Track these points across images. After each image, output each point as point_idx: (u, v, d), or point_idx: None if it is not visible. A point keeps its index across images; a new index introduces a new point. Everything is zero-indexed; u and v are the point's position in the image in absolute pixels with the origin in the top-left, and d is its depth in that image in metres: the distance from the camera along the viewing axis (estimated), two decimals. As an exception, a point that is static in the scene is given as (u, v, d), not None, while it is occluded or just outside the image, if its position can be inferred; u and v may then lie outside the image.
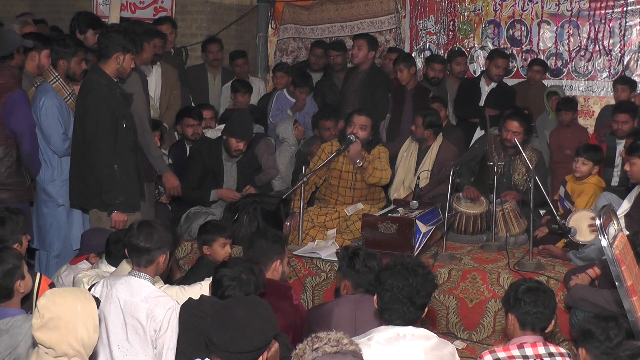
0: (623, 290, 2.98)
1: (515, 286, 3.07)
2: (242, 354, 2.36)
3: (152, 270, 3.25)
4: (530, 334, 2.97)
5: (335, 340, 2.12)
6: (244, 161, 5.65)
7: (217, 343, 2.37)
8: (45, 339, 2.44)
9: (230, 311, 2.44)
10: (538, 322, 2.98)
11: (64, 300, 2.48)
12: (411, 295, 2.77)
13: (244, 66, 7.26)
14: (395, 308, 2.77)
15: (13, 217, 3.58)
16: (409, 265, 2.84)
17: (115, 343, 3.12)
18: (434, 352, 2.74)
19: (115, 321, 3.13)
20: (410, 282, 2.78)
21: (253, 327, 2.37)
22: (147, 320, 3.09)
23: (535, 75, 6.96)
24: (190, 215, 5.39)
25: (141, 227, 3.24)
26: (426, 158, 5.70)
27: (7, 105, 4.55)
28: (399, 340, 2.72)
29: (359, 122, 5.21)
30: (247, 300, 2.57)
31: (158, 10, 7.54)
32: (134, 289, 3.17)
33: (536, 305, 2.97)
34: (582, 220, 4.63)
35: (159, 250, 3.22)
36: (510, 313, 3.02)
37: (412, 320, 2.80)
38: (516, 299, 3.00)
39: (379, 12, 7.95)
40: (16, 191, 4.68)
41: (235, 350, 2.35)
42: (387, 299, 2.78)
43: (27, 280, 3.06)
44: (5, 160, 4.62)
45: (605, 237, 2.94)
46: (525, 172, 5.36)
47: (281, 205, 5.46)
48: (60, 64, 4.78)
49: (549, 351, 2.88)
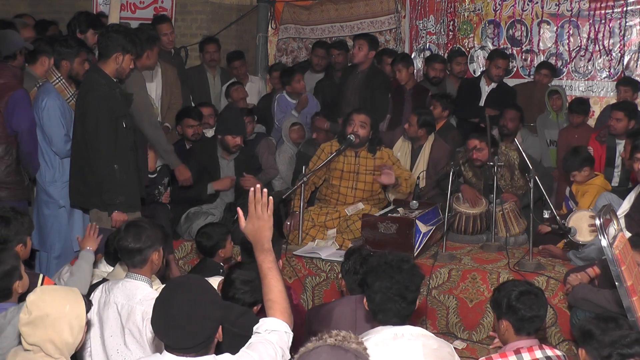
0: (623, 290, 2.98)
1: (506, 292, 2.99)
2: (196, 346, 2.28)
3: (147, 270, 3.23)
4: (526, 338, 2.93)
5: (342, 337, 2.11)
6: (241, 158, 5.64)
7: (168, 343, 2.30)
8: (29, 335, 2.46)
9: (169, 309, 2.28)
10: (534, 325, 2.96)
11: (52, 299, 2.50)
12: (401, 292, 2.76)
13: (241, 68, 7.26)
14: (388, 308, 2.76)
15: (18, 217, 3.56)
16: (392, 262, 2.82)
17: (115, 348, 3.11)
18: (433, 352, 2.73)
19: (113, 326, 3.12)
20: (397, 279, 2.77)
21: (197, 318, 2.25)
22: (144, 323, 3.06)
23: (543, 79, 6.95)
24: (190, 216, 5.40)
25: (128, 229, 3.22)
26: (420, 157, 5.71)
27: (9, 104, 4.57)
28: (397, 340, 2.71)
29: (359, 120, 5.24)
30: (183, 288, 2.33)
31: (158, 10, 7.53)
32: (130, 292, 3.15)
33: (531, 310, 2.93)
34: (582, 221, 4.63)
35: (149, 248, 3.20)
36: (503, 319, 2.96)
37: (407, 316, 2.80)
38: (509, 305, 2.94)
39: (379, 12, 7.95)
40: (15, 190, 4.69)
41: (187, 346, 2.27)
42: (378, 301, 2.77)
43: (25, 280, 3.08)
44: (6, 158, 4.63)
45: (605, 237, 2.94)
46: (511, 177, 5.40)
47: (281, 205, 5.46)
48: (63, 65, 4.78)
49: (546, 355, 2.85)
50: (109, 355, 3.11)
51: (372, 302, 2.80)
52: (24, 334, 2.48)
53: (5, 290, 3.00)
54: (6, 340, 2.81)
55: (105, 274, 3.91)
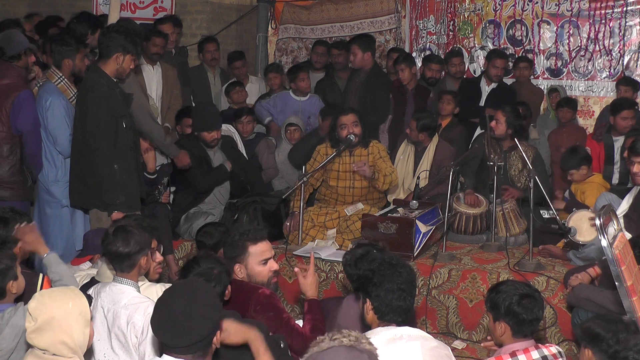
0: (623, 290, 2.98)
1: (506, 294, 2.94)
2: (193, 346, 2.31)
3: (134, 275, 3.21)
4: (522, 340, 2.92)
5: (355, 337, 2.13)
6: (227, 145, 5.62)
7: (165, 342, 2.33)
8: (39, 341, 2.45)
9: (168, 306, 2.34)
10: (532, 328, 2.95)
11: (54, 301, 2.49)
12: (409, 289, 2.84)
13: (242, 68, 7.26)
14: (398, 306, 2.79)
15: (17, 218, 3.53)
16: (392, 261, 2.88)
17: (102, 352, 3.10)
18: (431, 351, 2.74)
19: (100, 330, 3.11)
20: (403, 275, 2.83)
21: (196, 317, 2.29)
22: (128, 327, 3.05)
23: (524, 72, 6.95)
24: (190, 216, 5.40)
25: (117, 233, 3.18)
26: (424, 159, 5.71)
27: (15, 104, 4.56)
28: (396, 341, 2.72)
29: (350, 121, 5.24)
30: (183, 290, 2.41)
31: (158, 10, 7.53)
32: (115, 296, 3.13)
33: (532, 313, 2.91)
34: (582, 221, 4.63)
35: (138, 253, 3.17)
36: (502, 321, 2.93)
37: (409, 310, 2.85)
38: (510, 309, 2.91)
39: (379, 12, 7.96)
40: (18, 190, 4.68)
41: (184, 344, 2.30)
42: (389, 301, 2.78)
43: (20, 281, 3.04)
44: (10, 158, 4.63)
45: (605, 237, 2.94)
46: (522, 169, 5.39)
47: (281, 205, 5.46)
48: (65, 64, 4.77)
49: (543, 354, 2.85)
50: (96, 359, 3.11)
51: (381, 303, 2.80)
52: (32, 341, 2.46)
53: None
54: (4, 341, 2.80)
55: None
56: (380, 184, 5.24)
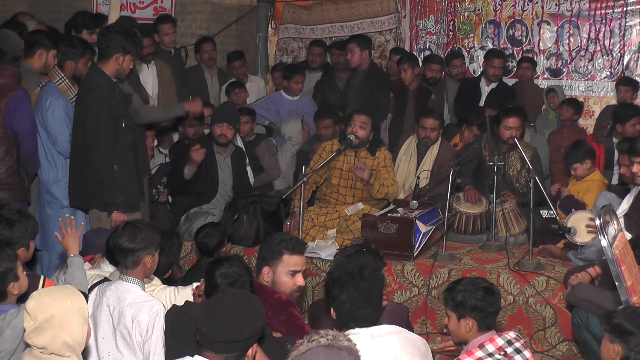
0: (623, 290, 2.98)
1: (469, 292, 3.03)
2: (232, 344, 2.39)
3: (139, 273, 3.20)
4: (486, 332, 3.01)
5: (332, 336, 2.17)
6: (238, 156, 5.64)
7: (207, 333, 2.40)
8: (38, 340, 2.45)
9: (220, 303, 2.48)
10: (494, 319, 3.06)
11: (52, 299, 2.49)
12: (368, 298, 2.80)
13: (241, 68, 7.26)
14: (358, 315, 2.80)
15: (23, 220, 3.50)
16: (353, 271, 2.84)
17: (106, 350, 3.10)
18: (408, 341, 2.82)
19: (105, 328, 3.11)
20: (361, 287, 2.80)
21: (242, 318, 2.42)
22: (133, 326, 3.05)
23: (526, 72, 6.96)
24: (190, 216, 5.40)
25: (125, 228, 3.21)
26: (426, 158, 5.71)
27: (10, 105, 4.55)
28: (374, 339, 2.76)
29: (359, 120, 5.24)
30: (237, 294, 2.63)
31: (158, 10, 7.54)
32: (121, 294, 3.14)
33: (495, 305, 3.04)
34: (581, 221, 4.61)
35: (143, 250, 3.17)
36: (468, 317, 3.01)
37: (376, 319, 2.83)
38: (475, 305, 3.00)
39: (379, 12, 7.96)
40: (15, 191, 4.67)
41: (224, 340, 2.38)
42: (347, 311, 2.80)
43: (22, 281, 3.04)
44: (7, 159, 4.62)
45: (605, 237, 2.94)
46: (520, 169, 5.38)
47: (281, 205, 5.46)
48: (67, 65, 4.77)
49: (507, 339, 2.94)
50: (101, 357, 3.10)
51: (340, 313, 2.82)
52: (31, 340, 2.46)
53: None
54: (5, 342, 2.80)
55: (108, 273, 3.90)
56: (374, 191, 5.26)
